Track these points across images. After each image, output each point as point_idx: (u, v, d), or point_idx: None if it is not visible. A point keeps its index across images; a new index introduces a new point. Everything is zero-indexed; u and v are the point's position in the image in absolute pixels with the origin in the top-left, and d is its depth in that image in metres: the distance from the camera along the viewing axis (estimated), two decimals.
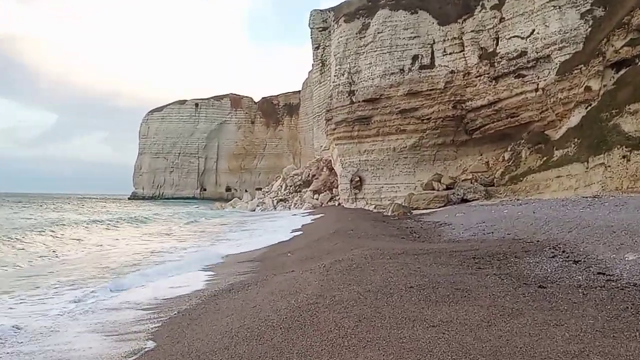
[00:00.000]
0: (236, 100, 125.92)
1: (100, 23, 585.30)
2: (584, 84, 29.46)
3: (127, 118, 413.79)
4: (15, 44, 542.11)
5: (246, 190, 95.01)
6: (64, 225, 35.34)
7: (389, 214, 31.08)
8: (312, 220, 35.07)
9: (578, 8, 32.04)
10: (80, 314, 10.24)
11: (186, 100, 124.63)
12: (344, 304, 7.52)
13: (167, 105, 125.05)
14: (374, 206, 38.93)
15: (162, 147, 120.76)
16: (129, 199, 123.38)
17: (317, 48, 78.03)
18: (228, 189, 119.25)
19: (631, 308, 6.72)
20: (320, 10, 78.28)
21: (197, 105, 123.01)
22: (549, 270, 9.52)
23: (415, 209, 32.62)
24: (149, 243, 25.58)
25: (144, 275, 14.74)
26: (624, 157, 22.23)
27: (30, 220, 40.74)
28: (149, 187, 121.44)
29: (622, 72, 27.19)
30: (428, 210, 31.30)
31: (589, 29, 31.33)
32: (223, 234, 30.54)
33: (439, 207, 31.93)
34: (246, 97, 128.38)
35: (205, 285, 12.57)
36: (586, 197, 21.60)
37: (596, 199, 20.28)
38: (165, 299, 11.35)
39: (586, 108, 28.84)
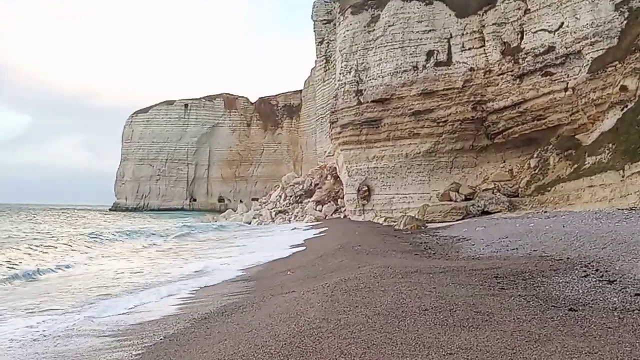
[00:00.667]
0: (230, 101, 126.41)
1: (77, 15, 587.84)
2: (619, 83, 29.42)
3: (108, 120, 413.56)
4: None
5: (241, 201, 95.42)
6: (38, 239, 35.37)
7: (401, 228, 30.97)
8: (315, 234, 35.01)
9: None
10: (32, 342, 10.23)
11: (174, 101, 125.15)
12: (350, 328, 7.49)
13: (153, 106, 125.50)
14: (384, 219, 38.83)
15: (148, 152, 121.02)
16: (110, 210, 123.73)
17: (321, 43, 78.43)
18: (221, 200, 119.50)
19: None
20: (325, 0, 78.65)
21: (186, 106, 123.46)
22: (581, 291, 9.45)
23: (430, 222, 32.54)
24: (128, 260, 25.62)
25: (120, 297, 14.77)
26: None
27: None
28: (132, 197, 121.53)
29: None
30: (444, 224, 31.21)
31: (625, 22, 31.30)
32: (214, 250, 30.51)
33: (457, 220, 31.85)
34: (241, 97, 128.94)
35: (193, 308, 12.55)
36: (622, 209, 21.51)
37: (633, 212, 20.20)
38: (147, 322, 11.33)
39: (622, 110, 28.78)
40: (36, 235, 41.67)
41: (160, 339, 9.61)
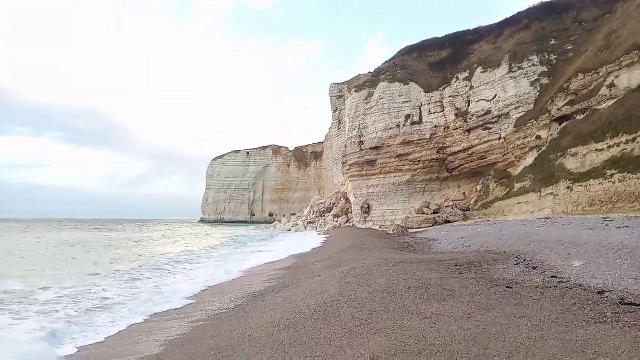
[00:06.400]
0: (276, 149, 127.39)
1: (182, 97, 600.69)
2: (535, 134, 29.29)
3: (198, 163, 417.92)
4: (123, 112, 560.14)
5: (284, 215, 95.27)
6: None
7: (391, 232, 30.76)
8: (333, 237, 34.88)
9: (529, 78, 32.14)
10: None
11: (240, 150, 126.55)
12: (358, 301, 7.42)
13: (226, 154, 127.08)
14: (379, 226, 38.61)
15: (223, 184, 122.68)
16: (198, 222, 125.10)
17: (335, 111, 78.76)
18: (271, 215, 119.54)
19: (578, 303, 6.52)
20: (337, 83, 79.31)
21: (248, 153, 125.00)
22: (514, 274, 9.29)
23: (410, 228, 32.28)
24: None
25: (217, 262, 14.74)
26: (568, 188, 21.90)
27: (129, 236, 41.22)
28: (213, 214, 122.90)
29: (564, 124, 27.04)
30: (420, 229, 30.95)
31: (538, 93, 31.34)
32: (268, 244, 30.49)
33: (428, 227, 31.57)
34: (284, 147, 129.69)
35: (253, 285, 12.47)
36: (540, 219, 21.22)
37: (548, 220, 19.91)
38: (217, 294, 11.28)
39: (538, 152, 28.61)
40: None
41: (233, 307, 9.57)
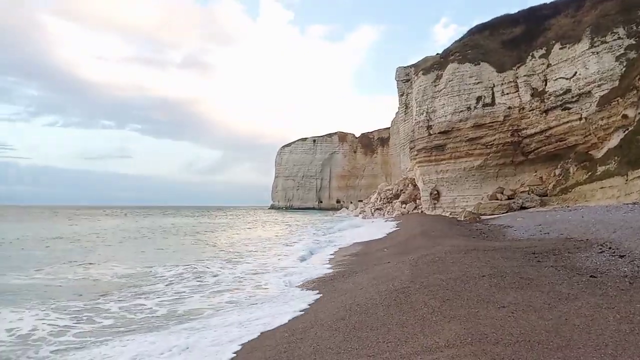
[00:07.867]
0: (343, 136, 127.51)
1: (252, 86, 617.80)
2: (621, 112, 27.06)
3: (267, 151, 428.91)
4: (196, 104, 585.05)
5: (351, 202, 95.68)
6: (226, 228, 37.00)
7: (462, 219, 29.82)
8: (401, 223, 34.46)
9: (614, 52, 29.51)
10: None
11: (307, 138, 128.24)
12: (430, 288, 7.31)
13: (294, 141, 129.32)
14: (449, 213, 37.59)
15: (291, 171, 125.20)
16: (268, 208, 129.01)
17: (402, 95, 77.19)
18: (338, 201, 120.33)
19: None
20: (404, 66, 77.66)
21: (314, 141, 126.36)
22: (598, 263, 8.70)
23: (483, 215, 31.06)
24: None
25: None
26: None
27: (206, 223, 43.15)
28: (282, 200, 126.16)
29: None
30: (493, 216, 29.71)
31: (624, 69, 28.74)
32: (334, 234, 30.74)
33: (502, 214, 30.20)
34: (350, 133, 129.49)
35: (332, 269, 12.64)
36: (627, 204, 19.65)
37: (636, 205, 18.39)
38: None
39: (624, 132, 26.44)
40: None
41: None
